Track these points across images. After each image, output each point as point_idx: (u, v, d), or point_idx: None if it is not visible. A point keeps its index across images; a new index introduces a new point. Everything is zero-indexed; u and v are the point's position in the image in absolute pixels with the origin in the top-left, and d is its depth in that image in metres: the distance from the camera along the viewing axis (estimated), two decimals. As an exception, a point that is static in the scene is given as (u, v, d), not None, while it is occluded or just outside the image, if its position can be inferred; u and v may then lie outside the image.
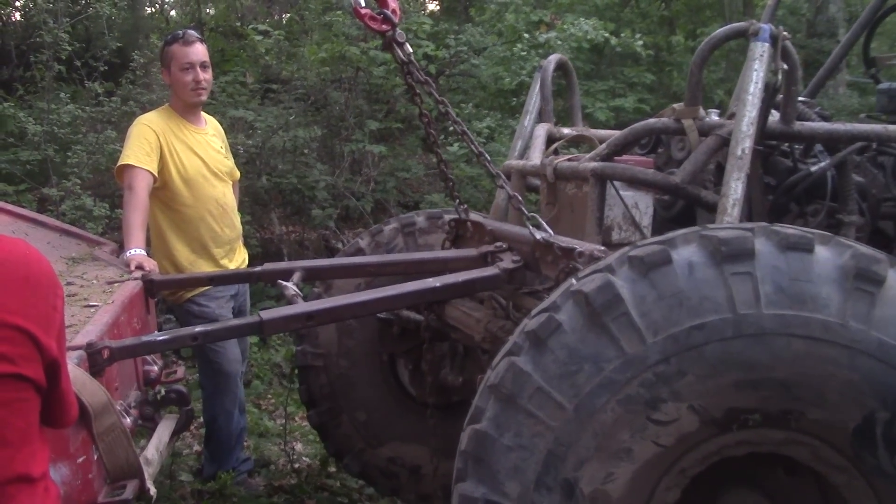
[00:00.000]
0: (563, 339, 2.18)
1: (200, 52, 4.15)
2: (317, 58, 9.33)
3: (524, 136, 4.11)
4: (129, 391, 3.20)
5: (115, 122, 8.89)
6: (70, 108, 8.73)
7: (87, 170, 8.27)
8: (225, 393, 4.26)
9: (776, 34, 3.13)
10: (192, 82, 4.12)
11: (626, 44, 9.19)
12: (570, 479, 2.12)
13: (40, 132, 8.34)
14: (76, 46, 9.12)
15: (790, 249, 2.17)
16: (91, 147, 8.41)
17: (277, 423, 5.66)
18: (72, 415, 1.76)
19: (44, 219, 4.19)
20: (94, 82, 9.22)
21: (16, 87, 10.14)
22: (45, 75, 8.91)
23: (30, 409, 1.56)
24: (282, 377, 6.59)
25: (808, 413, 2.12)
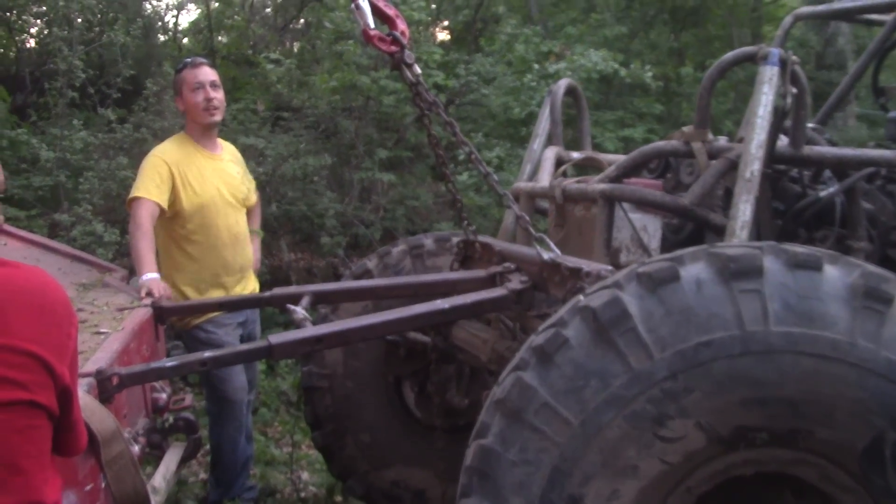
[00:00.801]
0: (570, 355, 2.16)
1: (209, 72, 4.19)
2: (328, 86, 9.39)
3: (533, 159, 4.11)
4: (137, 418, 3.20)
5: (127, 148, 8.94)
6: (83, 135, 8.79)
7: (99, 196, 8.31)
8: (230, 420, 4.23)
9: (785, 58, 3.14)
10: (204, 101, 4.14)
11: (635, 75, 9.22)
12: (576, 496, 2.10)
13: (53, 158, 8.39)
14: (90, 73, 9.20)
15: (799, 267, 2.16)
16: (103, 173, 8.45)
17: (284, 451, 5.62)
18: (81, 443, 1.76)
19: (55, 245, 4.21)
20: (107, 109, 9.30)
21: (29, 113, 10.23)
22: (58, 102, 8.99)
23: (42, 436, 1.57)
24: (289, 405, 6.55)
25: (816, 432, 2.10)
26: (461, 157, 8.69)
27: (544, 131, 4.19)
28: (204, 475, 5.07)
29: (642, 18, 12.42)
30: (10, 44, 13.91)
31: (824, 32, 9.94)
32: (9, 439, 1.49)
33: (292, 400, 6.49)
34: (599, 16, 11.81)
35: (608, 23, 11.43)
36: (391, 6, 3.24)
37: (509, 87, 9.66)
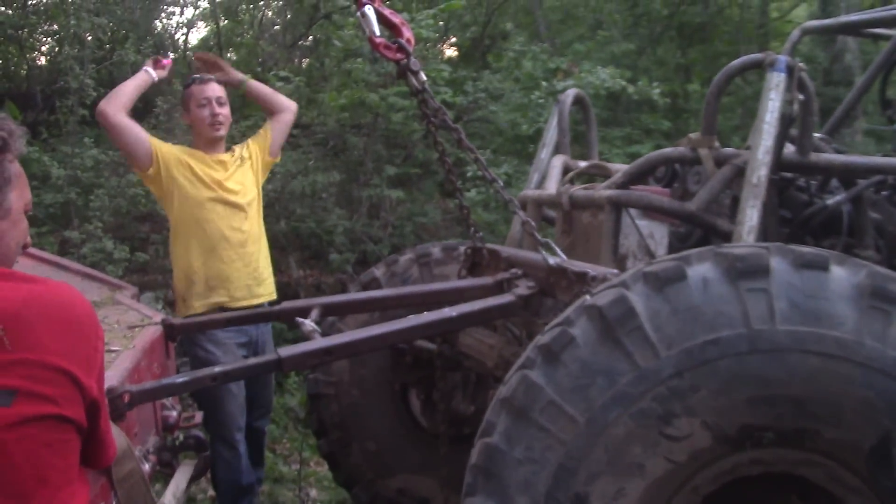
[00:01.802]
0: (577, 353, 2.16)
1: (216, 88, 4.21)
2: (337, 104, 9.42)
3: (540, 168, 4.12)
4: (148, 436, 3.21)
5: (138, 165, 8.97)
6: (94, 153, 8.83)
7: (109, 213, 8.36)
8: (222, 442, 4.14)
9: (792, 65, 3.15)
10: (209, 116, 4.16)
11: (643, 92, 9.24)
12: (581, 494, 2.09)
13: (64, 176, 8.44)
14: (101, 91, 9.26)
15: (805, 267, 2.16)
16: (113, 191, 8.50)
17: (292, 468, 5.60)
18: (110, 455, 1.79)
19: (66, 262, 4.23)
20: (118, 127, 9.33)
21: (40, 131, 10.29)
22: (69, 119, 9.04)
23: (71, 449, 1.59)
24: (297, 422, 6.53)
25: (823, 432, 2.09)
26: (469, 174, 8.71)
27: (552, 141, 4.21)
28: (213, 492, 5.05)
29: (649, 35, 12.46)
30: (21, 61, 14.02)
31: (831, 49, 9.97)
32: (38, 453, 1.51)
33: (300, 417, 6.47)
34: (607, 33, 11.84)
35: (615, 39, 11.48)
36: (397, 14, 3.25)
37: (517, 104, 9.68)
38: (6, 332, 1.48)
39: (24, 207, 1.71)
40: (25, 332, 1.50)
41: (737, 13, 12.09)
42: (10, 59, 14.07)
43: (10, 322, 1.49)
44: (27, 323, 1.51)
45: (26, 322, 1.51)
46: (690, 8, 12.22)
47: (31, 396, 1.49)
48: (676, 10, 12.15)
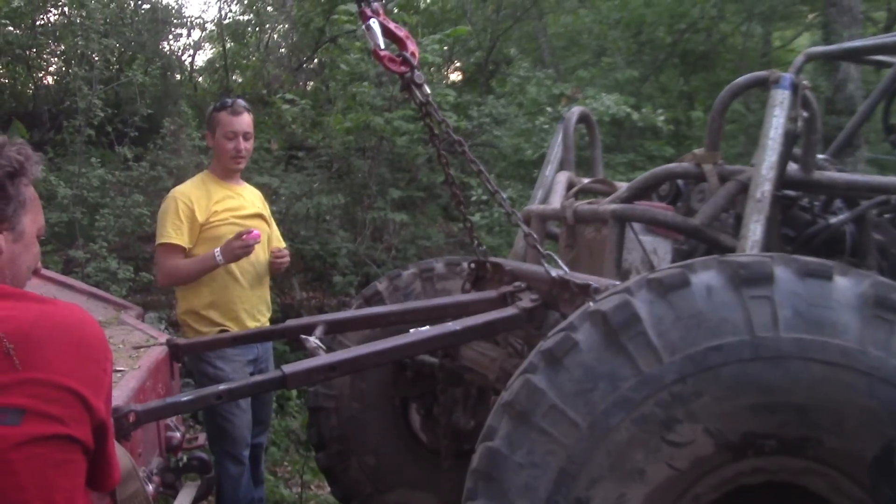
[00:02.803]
0: (580, 358, 2.16)
1: (246, 122, 4.22)
2: (342, 127, 9.46)
3: (545, 185, 4.13)
4: (151, 457, 3.20)
5: (143, 186, 9.03)
6: (100, 173, 8.87)
7: (114, 233, 8.38)
8: (231, 460, 4.15)
9: (796, 82, 3.17)
10: (234, 150, 4.18)
11: (647, 118, 9.28)
12: (582, 499, 2.08)
13: (70, 195, 8.47)
14: (108, 112, 9.31)
15: (809, 276, 2.16)
16: (118, 210, 8.53)
17: (293, 491, 5.58)
18: (115, 478, 1.78)
19: (72, 282, 4.23)
20: (124, 147, 9.40)
21: (46, 150, 10.32)
22: (75, 139, 9.08)
23: (77, 470, 1.60)
24: (298, 444, 6.50)
25: (826, 441, 2.08)
26: (473, 197, 8.73)
27: (556, 158, 4.22)
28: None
29: (653, 62, 12.52)
30: (28, 81, 14.10)
31: (834, 77, 10.02)
32: (45, 473, 1.52)
33: (302, 439, 6.44)
34: (611, 59, 11.92)
35: (619, 66, 11.54)
36: (402, 28, 3.27)
37: (521, 129, 9.72)
38: (17, 351, 1.49)
39: (38, 232, 1.74)
40: (35, 352, 1.52)
41: (740, 42, 12.18)
42: (17, 79, 14.16)
43: (20, 341, 1.51)
44: (37, 343, 1.53)
45: (37, 342, 1.53)
46: (694, 36, 12.30)
47: (40, 416, 1.50)
48: (680, 37, 12.22)
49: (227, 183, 4.29)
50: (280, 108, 10.07)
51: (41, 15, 13.19)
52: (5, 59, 12.74)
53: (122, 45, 12.30)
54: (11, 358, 1.49)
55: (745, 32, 12.08)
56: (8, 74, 13.86)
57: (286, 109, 10.00)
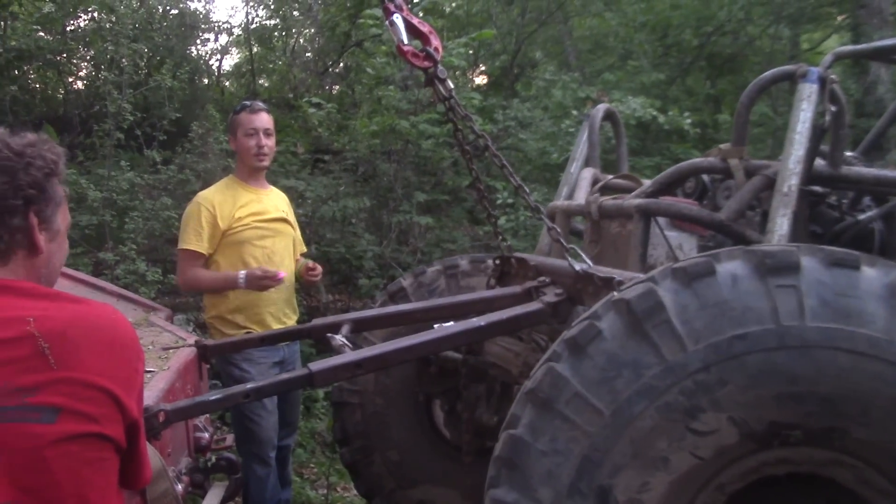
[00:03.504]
0: (603, 346, 2.15)
1: (265, 119, 4.25)
2: (367, 130, 9.49)
3: (570, 182, 4.12)
4: (180, 457, 3.22)
5: (171, 189, 9.11)
6: (129, 176, 8.96)
7: (143, 235, 8.45)
8: (258, 461, 4.16)
9: (824, 76, 3.14)
10: (255, 147, 4.21)
11: (673, 121, 9.23)
12: (605, 486, 2.06)
13: (100, 198, 8.55)
14: (137, 116, 9.40)
15: (836, 265, 2.14)
16: (147, 213, 8.61)
17: (319, 493, 5.59)
18: (146, 476, 1.79)
19: (102, 283, 4.28)
20: (153, 150, 9.49)
21: (76, 154, 10.43)
22: (105, 143, 9.17)
23: (110, 468, 1.62)
24: (324, 446, 6.51)
25: (852, 431, 2.05)
26: (499, 200, 8.72)
27: (582, 155, 4.21)
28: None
29: (679, 65, 12.47)
30: (58, 85, 14.25)
31: (864, 80, 9.94)
32: (79, 471, 1.53)
33: (328, 441, 6.46)
34: (637, 62, 11.88)
35: (645, 69, 11.49)
36: (425, 23, 3.27)
37: (546, 132, 9.70)
38: (52, 350, 1.51)
39: (67, 228, 1.75)
40: (70, 352, 1.53)
41: (767, 44, 12.09)
42: (48, 84, 14.32)
43: (55, 341, 1.52)
44: (72, 342, 1.54)
45: (71, 341, 1.54)
46: (720, 39, 12.23)
47: (74, 414, 1.52)
48: (707, 40, 12.16)
49: (252, 186, 4.31)
50: (306, 111, 10.12)
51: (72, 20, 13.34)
52: (36, 65, 12.88)
53: (150, 49, 12.41)
54: (47, 357, 1.51)
55: (773, 35, 11.99)
56: (39, 79, 14.03)
57: (312, 113, 10.04)
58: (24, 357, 1.50)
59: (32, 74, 13.62)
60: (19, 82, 12.48)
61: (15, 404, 1.48)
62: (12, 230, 1.60)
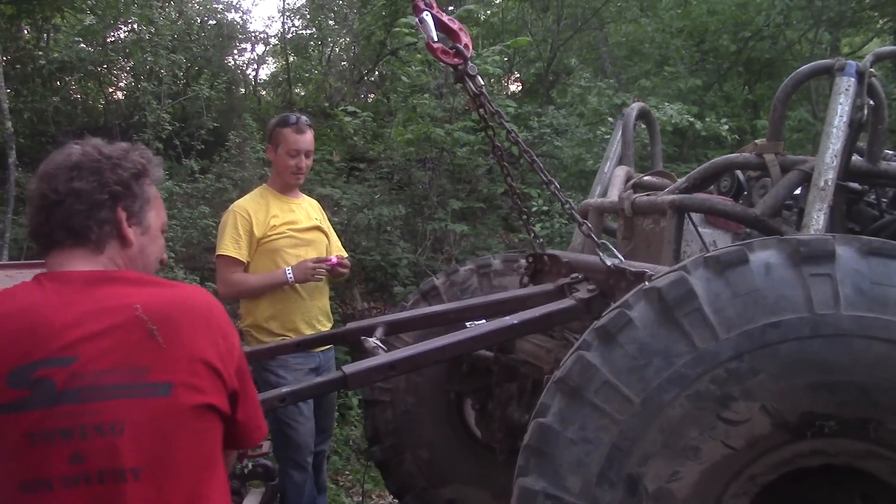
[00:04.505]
0: (634, 334, 2.12)
1: (309, 141, 4.26)
2: (402, 138, 9.52)
3: (603, 180, 4.09)
4: None
5: (209, 198, 9.19)
6: (168, 185, 9.06)
7: (181, 244, 8.53)
8: (295, 467, 4.15)
9: (863, 70, 3.09)
10: (295, 167, 4.23)
11: (710, 127, 9.16)
12: (634, 475, 2.04)
13: (139, 207, 8.62)
14: (175, 126, 9.50)
15: (872, 254, 2.10)
16: (185, 221, 8.69)
17: (354, 500, 5.59)
18: (257, 437, 1.92)
19: None
20: (191, 160, 9.59)
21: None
22: (144, 153, 9.28)
23: (217, 436, 1.78)
24: (359, 453, 6.51)
25: (888, 423, 2.01)
26: (534, 208, 8.69)
27: (616, 154, 4.18)
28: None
29: (716, 70, 12.36)
30: (98, 96, 14.45)
31: (905, 82, 9.82)
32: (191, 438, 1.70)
33: (363, 448, 6.45)
34: (673, 68, 11.80)
35: (682, 75, 11.41)
36: (455, 20, 3.27)
37: (582, 139, 9.67)
38: (159, 331, 1.68)
39: (162, 227, 1.94)
40: (175, 331, 1.70)
41: (807, 49, 11.94)
42: (89, 94, 14.52)
43: (161, 322, 1.69)
44: (175, 323, 1.71)
45: (175, 322, 1.71)
46: (759, 44, 12.11)
47: (185, 387, 1.69)
48: (744, 45, 12.04)
49: (286, 196, 4.33)
50: (342, 120, 10.18)
51: (112, 32, 13.54)
52: (78, 76, 13.08)
53: (189, 60, 12.56)
54: (156, 338, 1.68)
55: (813, 39, 11.84)
56: (80, 90, 14.23)
57: (348, 122, 10.10)
58: (136, 340, 1.67)
59: (74, 85, 13.83)
60: (61, 93, 12.69)
61: (135, 381, 1.66)
62: (101, 222, 1.79)
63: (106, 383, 1.65)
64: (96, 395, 1.63)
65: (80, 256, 1.79)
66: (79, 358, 1.65)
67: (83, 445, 1.63)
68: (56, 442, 1.62)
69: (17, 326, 1.68)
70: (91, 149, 1.82)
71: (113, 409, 1.64)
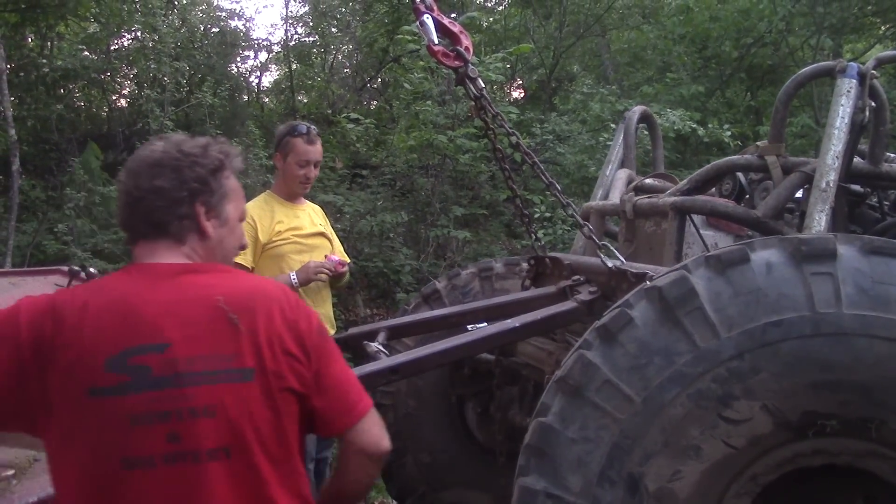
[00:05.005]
0: (635, 333, 2.12)
1: (318, 151, 4.27)
2: (405, 145, 9.53)
3: (605, 184, 4.09)
4: None
5: (212, 205, 9.19)
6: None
7: (184, 249, 8.52)
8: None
9: (864, 72, 3.09)
10: (303, 177, 4.24)
11: (713, 133, 9.16)
12: (635, 474, 2.03)
13: (143, 213, 8.64)
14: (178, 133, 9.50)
15: (874, 253, 2.09)
16: (187, 228, 8.68)
17: (356, 504, 5.54)
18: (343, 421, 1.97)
19: None
20: (194, 167, 9.58)
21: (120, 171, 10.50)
22: (148, 160, 9.30)
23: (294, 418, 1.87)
24: (361, 461, 6.48)
25: (891, 422, 2.00)
26: (537, 215, 8.69)
27: (617, 157, 4.18)
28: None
29: (719, 77, 12.36)
30: (102, 103, 14.48)
31: (908, 90, 9.79)
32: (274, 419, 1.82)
33: (365, 455, 6.42)
34: (675, 75, 11.80)
35: (684, 82, 11.42)
36: (455, 23, 3.28)
37: (584, 146, 9.67)
38: (240, 320, 1.80)
39: (240, 216, 2.04)
40: (254, 319, 1.81)
41: (809, 55, 11.93)
42: (92, 102, 14.56)
43: (241, 311, 1.81)
44: (253, 312, 1.82)
45: (253, 310, 1.83)
46: (761, 50, 12.11)
47: (266, 372, 1.80)
48: (746, 52, 12.05)
49: (290, 203, 4.34)
50: (344, 127, 10.19)
51: (115, 40, 13.58)
52: (81, 83, 13.11)
53: (192, 67, 12.59)
54: (237, 326, 1.80)
55: (815, 46, 11.84)
56: (84, 98, 14.27)
57: (350, 129, 10.11)
58: (220, 328, 1.79)
59: (77, 93, 13.87)
60: (65, 101, 12.72)
61: (222, 368, 1.78)
62: (181, 217, 1.91)
63: (196, 369, 1.78)
64: (189, 380, 1.76)
65: (164, 247, 1.91)
66: (171, 345, 1.78)
67: (179, 427, 1.75)
68: (154, 423, 1.76)
69: (111, 315, 1.81)
70: (172, 146, 1.93)
71: (204, 394, 1.76)
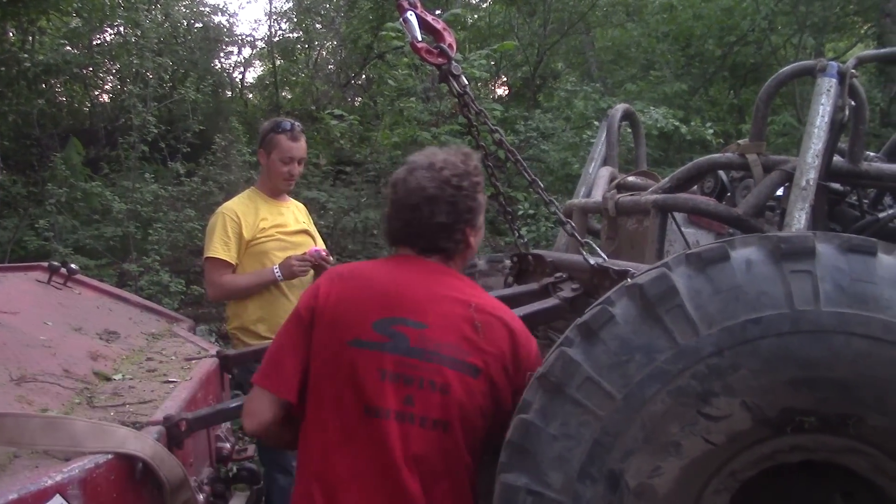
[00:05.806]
0: (616, 330, 2.13)
1: (303, 148, 4.31)
2: (389, 142, 9.54)
3: (588, 181, 4.11)
4: (202, 468, 3.25)
5: (195, 201, 9.18)
6: (153, 188, 9.03)
7: (166, 247, 8.51)
8: (279, 470, 4.13)
9: (844, 70, 3.12)
10: (287, 174, 4.27)
11: (696, 131, 9.20)
12: (616, 471, 2.05)
13: (124, 210, 8.62)
14: (161, 129, 9.48)
15: (852, 251, 2.10)
16: (171, 225, 8.68)
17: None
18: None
19: (126, 295, 4.34)
20: (177, 163, 9.57)
21: (102, 166, 10.48)
22: (130, 155, 9.27)
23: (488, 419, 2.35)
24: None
25: (868, 419, 2.02)
26: (521, 212, 8.70)
27: (600, 155, 4.20)
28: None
29: (702, 75, 12.43)
30: (84, 99, 14.41)
31: (890, 89, 9.86)
32: (480, 413, 2.32)
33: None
34: (659, 73, 11.85)
35: (668, 80, 11.47)
36: (439, 20, 3.28)
37: (568, 143, 9.70)
38: (481, 328, 2.25)
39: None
40: (490, 331, 2.26)
41: (791, 53, 12.01)
42: (74, 97, 14.50)
43: (484, 321, 2.26)
44: (491, 324, 2.27)
45: (490, 324, 2.27)
46: (744, 49, 12.18)
47: (486, 375, 2.24)
48: (730, 50, 12.12)
49: (274, 200, 4.35)
50: (328, 123, 10.19)
51: (98, 35, 13.53)
52: (63, 78, 13.07)
53: (175, 63, 12.56)
54: (479, 331, 2.23)
55: (797, 44, 11.91)
56: (66, 93, 14.22)
57: (334, 125, 10.11)
58: (466, 328, 2.24)
59: (59, 88, 13.82)
60: (47, 96, 12.67)
61: (461, 359, 2.22)
62: (456, 242, 2.36)
63: (444, 353, 2.19)
64: (435, 358, 2.18)
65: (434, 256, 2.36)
66: (429, 326, 2.20)
67: (417, 392, 2.17)
68: (399, 383, 2.17)
69: (383, 286, 2.25)
70: (443, 181, 2.29)
71: (444, 373, 2.18)
